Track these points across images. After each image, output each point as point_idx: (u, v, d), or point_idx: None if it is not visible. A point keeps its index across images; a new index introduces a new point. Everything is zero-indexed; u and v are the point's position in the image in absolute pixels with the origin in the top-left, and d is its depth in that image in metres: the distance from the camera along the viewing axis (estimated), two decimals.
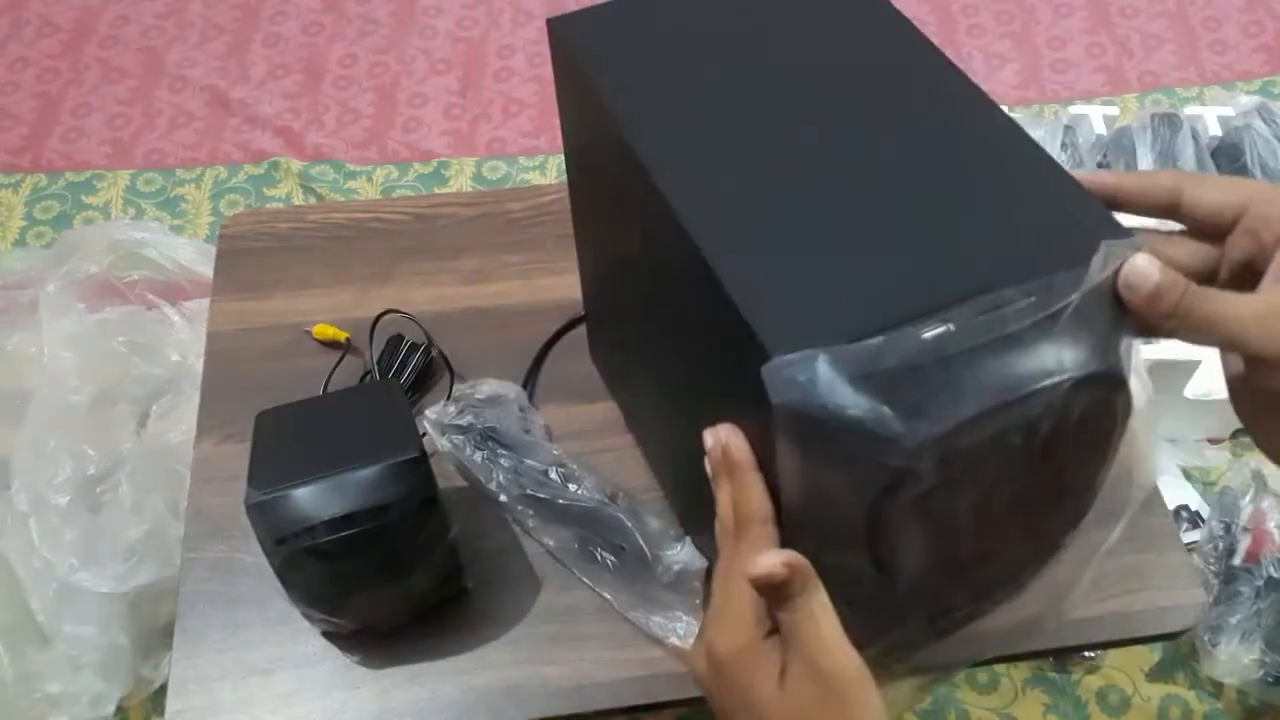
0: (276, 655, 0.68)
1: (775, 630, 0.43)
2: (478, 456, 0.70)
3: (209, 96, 1.89)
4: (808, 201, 0.46)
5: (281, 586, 0.62)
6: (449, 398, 0.75)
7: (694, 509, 0.67)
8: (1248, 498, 1.23)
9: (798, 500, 0.43)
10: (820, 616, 0.42)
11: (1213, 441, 1.40)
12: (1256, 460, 1.30)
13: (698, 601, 0.65)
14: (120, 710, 1.17)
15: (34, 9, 2.05)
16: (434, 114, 1.85)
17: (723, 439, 0.44)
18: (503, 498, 0.70)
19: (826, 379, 0.39)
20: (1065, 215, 0.44)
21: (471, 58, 1.94)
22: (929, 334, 0.40)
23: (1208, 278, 0.46)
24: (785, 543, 0.44)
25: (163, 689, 1.13)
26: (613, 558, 0.66)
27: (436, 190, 1.73)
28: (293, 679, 0.67)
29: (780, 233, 0.44)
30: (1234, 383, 0.47)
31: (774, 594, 0.42)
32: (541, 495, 0.68)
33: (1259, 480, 1.24)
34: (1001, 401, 0.40)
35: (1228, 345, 0.43)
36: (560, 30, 0.56)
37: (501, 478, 0.69)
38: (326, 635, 0.68)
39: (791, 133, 0.49)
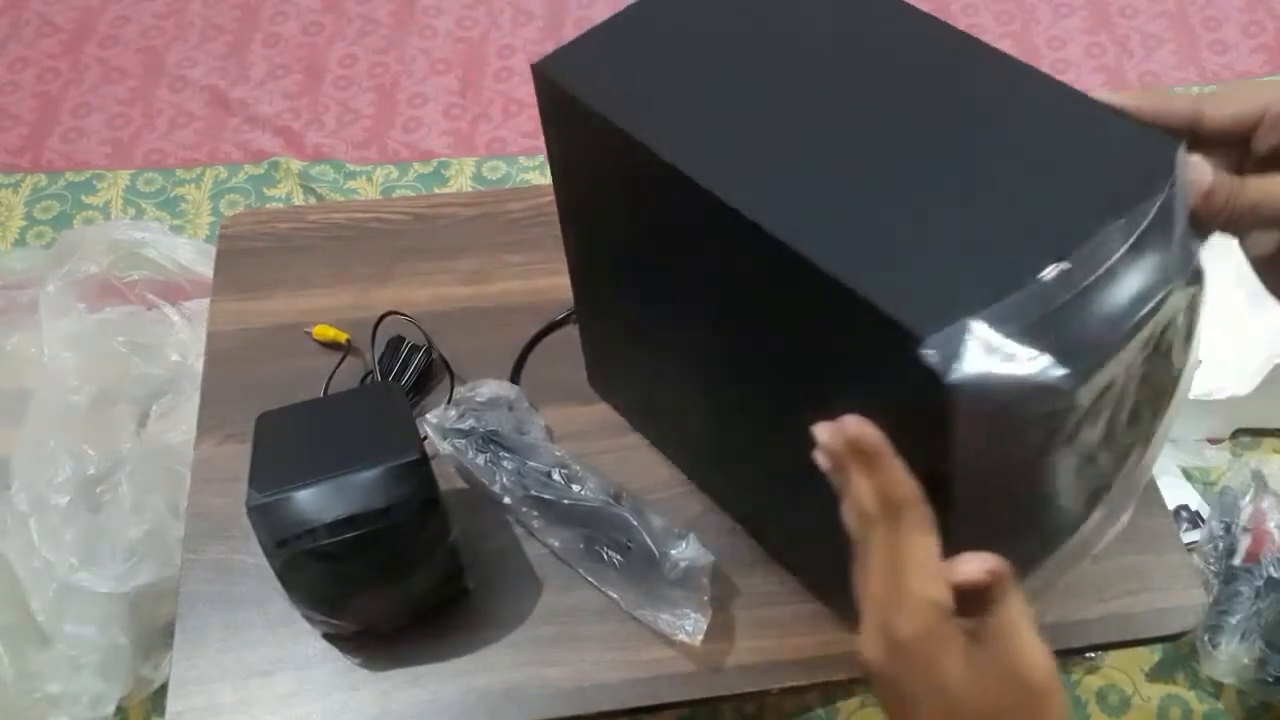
0: (277, 656, 0.68)
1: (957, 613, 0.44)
2: (480, 460, 0.70)
3: (209, 96, 1.89)
4: (874, 184, 0.46)
5: (282, 588, 0.62)
6: (449, 401, 0.75)
7: (766, 509, 0.68)
8: (1248, 498, 1.23)
9: (964, 469, 0.44)
10: (1020, 622, 0.42)
11: (1213, 441, 1.40)
12: (1256, 460, 1.30)
13: (705, 598, 0.65)
14: (120, 710, 1.17)
15: (34, 9, 2.05)
16: (434, 114, 1.85)
17: (853, 431, 0.44)
18: (507, 500, 0.70)
19: (986, 344, 0.40)
20: (1125, 141, 0.46)
21: (471, 58, 1.94)
22: (1049, 275, 0.41)
23: None
24: (939, 516, 0.44)
25: (163, 689, 1.13)
26: (619, 556, 0.66)
27: (436, 190, 1.73)
28: (293, 680, 0.67)
29: (866, 219, 0.45)
30: (1259, 262, 0.49)
31: (974, 597, 0.42)
32: (546, 496, 0.68)
33: (1259, 480, 1.24)
34: (1136, 320, 0.42)
35: (1271, 223, 0.46)
36: (549, 72, 0.54)
37: (505, 480, 0.69)
38: (327, 636, 0.68)
39: (828, 121, 0.49)
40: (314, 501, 0.59)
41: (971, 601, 0.42)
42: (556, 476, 0.69)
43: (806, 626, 0.68)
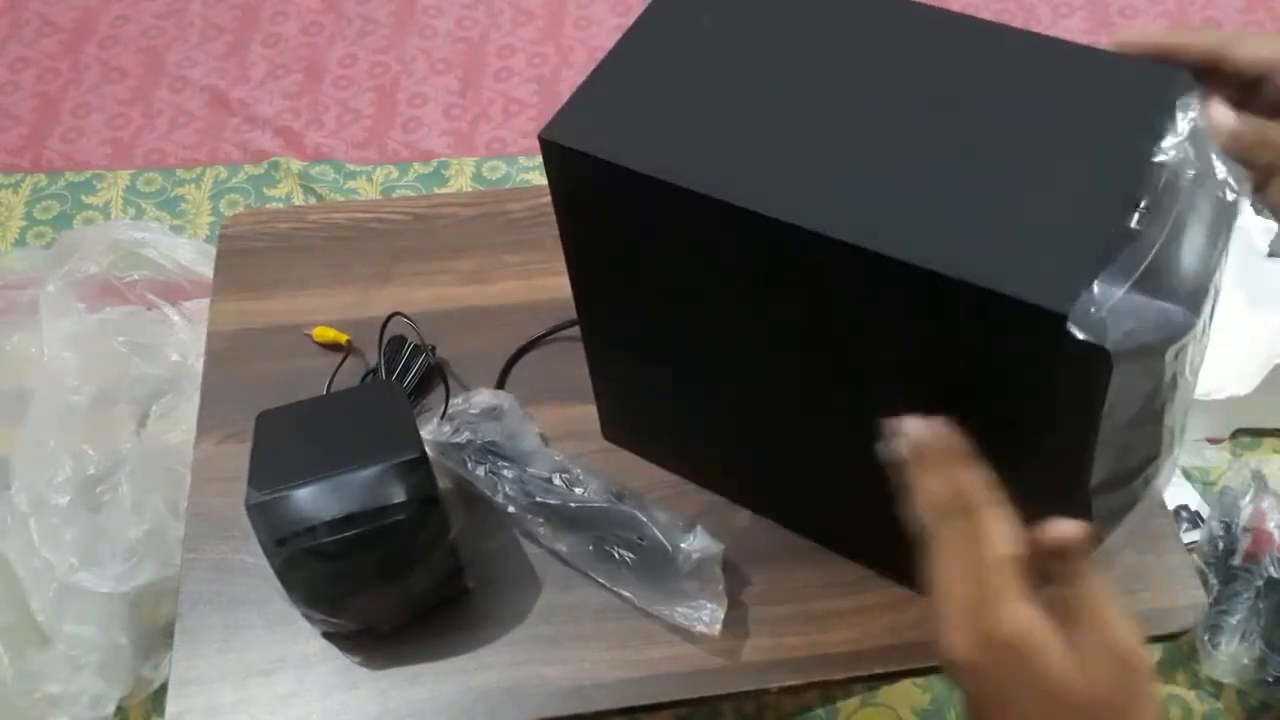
0: (277, 656, 0.68)
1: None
2: (480, 471, 0.70)
3: (209, 96, 1.89)
4: (935, 179, 0.46)
5: (282, 587, 0.62)
6: (443, 416, 0.74)
7: (844, 514, 0.67)
8: (1248, 498, 1.23)
9: (1106, 425, 0.44)
10: (1106, 591, 0.42)
11: (1213, 441, 1.40)
12: (1256, 460, 1.30)
13: (720, 587, 0.65)
14: (120, 710, 1.17)
15: (34, 9, 2.05)
16: (434, 114, 1.85)
17: (932, 434, 0.45)
18: (510, 509, 0.69)
19: (1117, 306, 0.40)
20: (1138, 84, 0.47)
21: (471, 58, 1.94)
22: (1136, 220, 0.42)
23: None
24: (1069, 477, 0.44)
25: (163, 689, 1.13)
26: (630, 554, 0.66)
27: (436, 190, 1.73)
28: (293, 680, 0.67)
29: (949, 216, 0.45)
30: (1260, 198, 0.51)
31: (1062, 562, 0.42)
32: (550, 502, 0.67)
33: (1259, 480, 1.24)
34: (1219, 242, 0.44)
35: None
36: (558, 138, 0.52)
37: (507, 489, 0.69)
38: (327, 636, 0.68)
39: (853, 125, 0.49)
40: (313, 500, 0.59)
41: (1048, 575, 0.42)
42: (558, 481, 0.68)
43: (805, 626, 0.68)
